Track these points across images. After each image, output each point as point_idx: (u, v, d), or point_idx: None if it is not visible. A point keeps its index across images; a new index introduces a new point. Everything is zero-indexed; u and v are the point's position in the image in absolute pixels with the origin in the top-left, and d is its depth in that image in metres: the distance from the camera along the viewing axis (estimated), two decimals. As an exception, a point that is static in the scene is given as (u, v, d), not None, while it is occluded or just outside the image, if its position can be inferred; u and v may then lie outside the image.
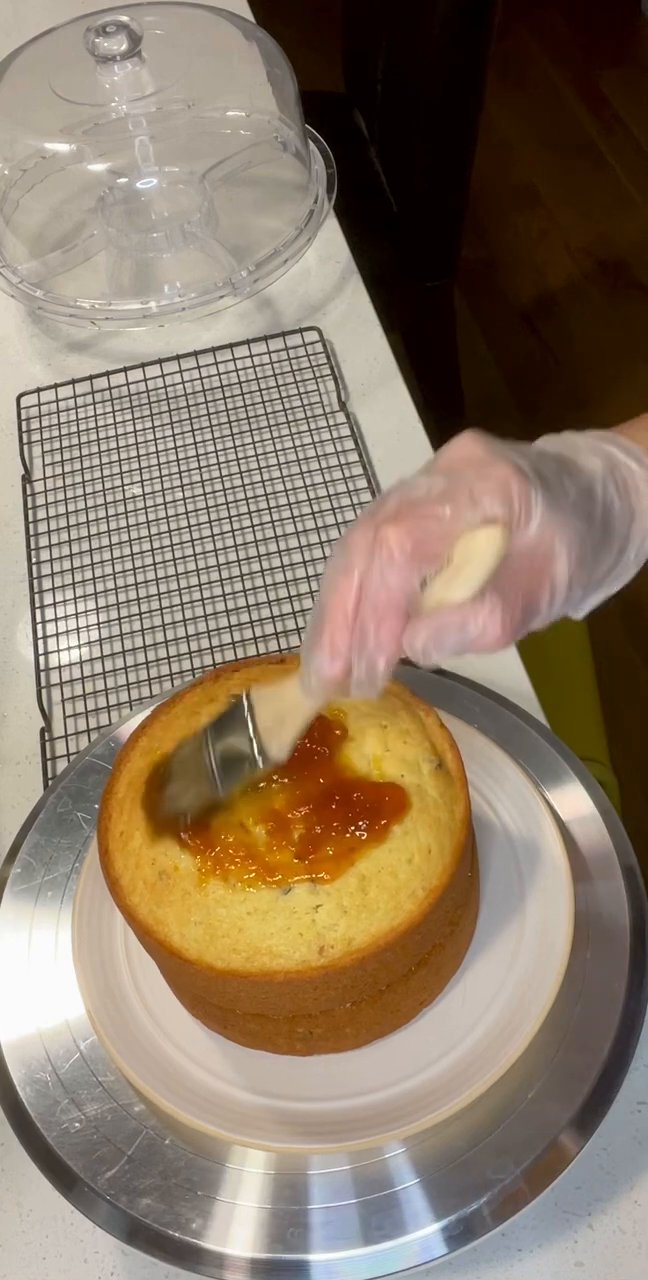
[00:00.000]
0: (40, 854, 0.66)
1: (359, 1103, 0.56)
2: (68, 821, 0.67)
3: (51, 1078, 0.59)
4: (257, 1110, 0.56)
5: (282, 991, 0.52)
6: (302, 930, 0.51)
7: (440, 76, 1.43)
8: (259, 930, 0.51)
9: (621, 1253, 0.58)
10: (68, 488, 0.94)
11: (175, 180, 1.06)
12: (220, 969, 0.52)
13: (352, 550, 0.47)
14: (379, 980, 0.54)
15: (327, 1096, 0.56)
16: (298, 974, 0.51)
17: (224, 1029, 0.58)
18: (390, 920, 0.52)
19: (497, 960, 0.59)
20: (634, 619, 1.81)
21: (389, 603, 0.45)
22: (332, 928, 0.51)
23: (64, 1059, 0.59)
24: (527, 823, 0.63)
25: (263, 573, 0.87)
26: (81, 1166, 0.56)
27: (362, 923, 0.52)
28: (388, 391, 0.98)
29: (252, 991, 0.53)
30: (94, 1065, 0.59)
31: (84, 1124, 0.57)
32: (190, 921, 0.52)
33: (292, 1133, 0.55)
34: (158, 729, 0.58)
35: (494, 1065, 0.55)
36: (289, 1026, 0.55)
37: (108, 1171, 0.55)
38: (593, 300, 2.32)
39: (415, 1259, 0.53)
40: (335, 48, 1.76)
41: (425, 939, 0.55)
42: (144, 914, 0.54)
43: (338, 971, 0.51)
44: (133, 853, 0.55)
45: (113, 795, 0.57)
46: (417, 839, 0.53)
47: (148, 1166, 0.55)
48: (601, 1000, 0.58)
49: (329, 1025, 0.55)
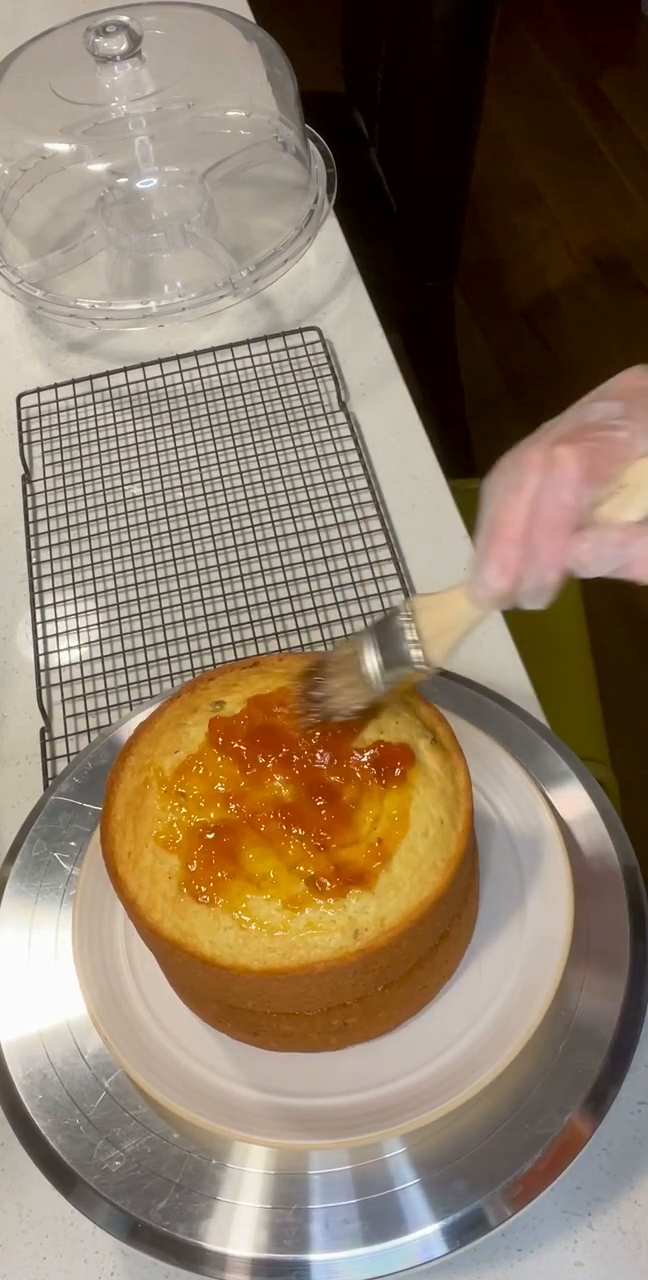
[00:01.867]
0: (40, 853, 0.66)
1: (359, 1099, 0.56)
2: (68, 821, 0.67)
3: (51, 1076, 0.59)
4: (257, 1106, 0.56)
5: (321, 983, 0.52)
6: (334, 917, 0.51)
7: (441, 76, 1.43)
8: (292, 924, 0.51)
9: (621, 1253, 0.58)
10: (68, 488, 0.94)
11: (175, 180, 1.06)
12: (258, 970, 0.51)
13: (525, 467, 0.48)
14: (410, 958, 0.55)
15: (327, 1092, 0.56)
16: (338, 961, 0.51)
17: (255, 1036, 0.58)
18: (418, 894, 0.52)
19: (496, 960, 0.59)
20: (635, 619, 1.81)
21: (563, 519, 0.47)
22: (363, 910, 0.52)
23: (64, 1058, 0.59)
24: (527, 822, 0.63)
25: (263, 573, 0.87)
26: (81, 1165, 0.56)
27: (391, 901, 0.52)
28: (388, 391, 0.98)
29: (290, 988, 0.52)
30: (95, 1065, 0.59)
31: (84, 1123, 0.57)
32: (219, 928, 0.52)
33: (292, 1129, 0.55)
34: (144, 746, 0.58)
35: (493, 1064, 0.55)
36: (324, 1020, 0.55)
37: (107, 1170, 0.55)
38: (593, 300, 2.32)
39: (415, 1259, 0.53)
40: (335, 48, 1.76)
41: (449, 909, 0.55)
42: (169, 929, 0.53)
43: (375, 953, 0.52)
44: (146, 870, 0.54)
45: (112, 819, 0.57)
46: (428, 813, 0.54)
47: (151, 1167, 0.55)
48: (600, 1001, 0.58)
49: (363, 1012, 0.56)
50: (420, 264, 1.63)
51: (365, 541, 0.88)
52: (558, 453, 0.47)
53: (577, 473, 0.46)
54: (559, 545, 0.47)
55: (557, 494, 0.47)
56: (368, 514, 0.89)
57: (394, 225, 1.63)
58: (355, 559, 0.87)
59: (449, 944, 0.57)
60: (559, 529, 0.47)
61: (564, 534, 0.47)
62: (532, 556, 0.48)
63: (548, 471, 0.47)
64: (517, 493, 0.48)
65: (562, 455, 0.47)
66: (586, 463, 0.46)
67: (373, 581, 0.85)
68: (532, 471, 0.47)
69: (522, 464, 0.48)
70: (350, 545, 0.88)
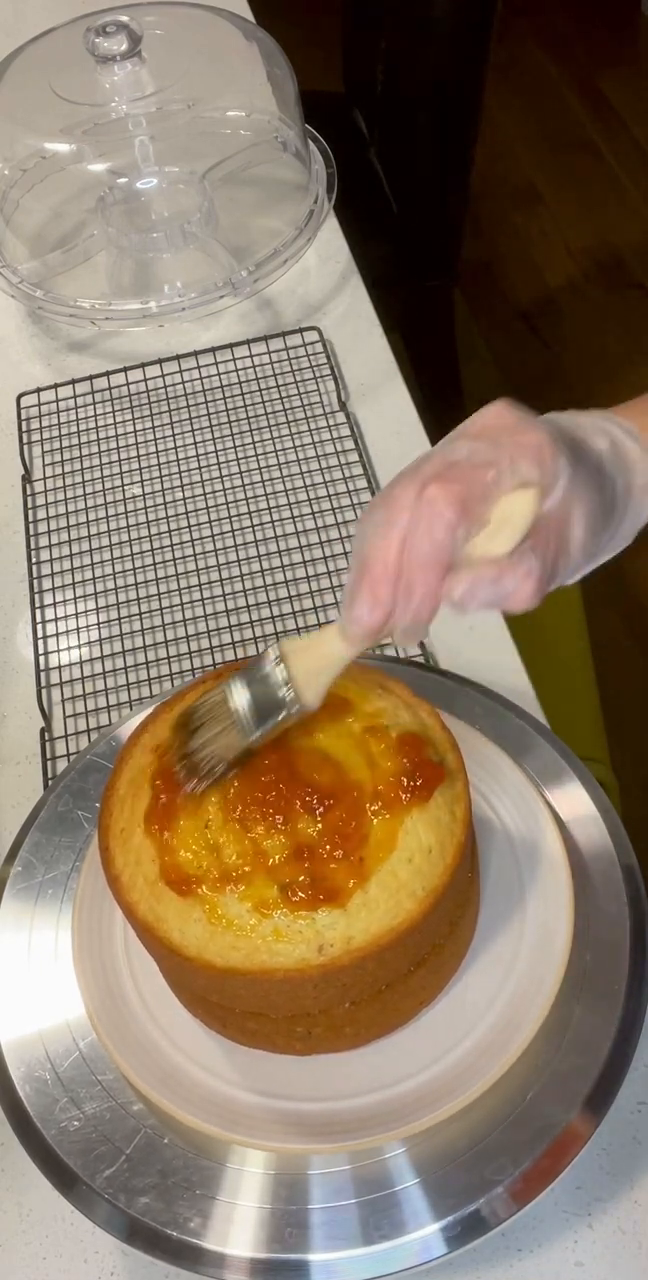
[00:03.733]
0: (41, 853, 0.66)
1: (359, 1103, 0.56)
2: (69, 820, 0.67)
3: (50, 1075, 0.59)
4: (256, 1110, 0.56)
5: (280, 990, 0.52)
6: (301, 928, 0.51)
7: (441, 76, 1.43)
8: (259, 928, 0.51)
9: (621, 1253, 0.58)
10: (68, 488, 0.94)
11: (175, 180, 1.06)
12: (220, 966, 0.52)
13: (396, 506, 0.49)
14: (378, 980, 0.54)
15: (327, 1096, 0.56)
16: (297, 972, 0.51)
17: (224, 1027, 0.58)
18: (390, 920, 0.52)
19: (497, 960, 0.59)
20: (635, 619, 1.81)
21: (436, 558, 0.48)
22: (331, 926, 0.51)
23: (63, 1057, 0.59)
24: (527, 823, 0.63)
25: (263, 573, 0.87)
26: (80, 1165, 0.56)
27: (361, 922, 0.52)
28: (388, 391, 0.98)
29: (251, 989, 0.53)
30: (93, 1064, 0.59)
31: (83, 1122, 0.57)
32: (190, 919, 0.52)
33: (291, 1133, 0.55)
34: (160, 726, 0.58)
35: (494, 1065, 0.55)
36: (288, 1025, 0.55)
37: (106, 1170, 0.55)
38: (593, 300, 2.32)
39: (415, 1259, 0.53)
40: (335, 48, 1.76)
41: (425, 939, 0.55)
42: (144, 911, 0.54)
43: (337, 970, 0.51)
44: (133, 849, 0.55)
45: (114, 792, 0.57)
46: (418, 838, 0.53)
47: (146, 1165, 0.55)
48: (601, 1000, 0.58)
49: (328, 1025, 0.55)
50: (420, 264, 1.64)
51: (365, 541, 0.87)
52: (430, 493, 0.48)
53: (450, 512, 0.47)
54: (434, 583, 0.48)
55: (430, 532, 0.48)
56: (368, 514, 0.89)
57: (394, 225, 1.63)
58: (355, 559, 0.87)
59: (427, 972, 0.57)
60: (433, 567, 0.48)
61: (438, 572, 0.48)
62: (406, 594, 0.49)
63: (420, 510, 0.48)
64: (388, 531, 0.49)
65: (433, 495, 0.48)
66: (457, 502, 0.48)
67: (373, 581, 0.85)
68: (402, 511, 0.48)
69: (392, 503, 0.49)
70: (350, 545, 0.88)
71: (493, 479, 0.48)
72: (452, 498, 0.48)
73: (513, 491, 0.48)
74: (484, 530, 0.48)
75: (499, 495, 0.48)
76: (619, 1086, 0.56)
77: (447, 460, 0.49)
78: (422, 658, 0.80)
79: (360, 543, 0.50)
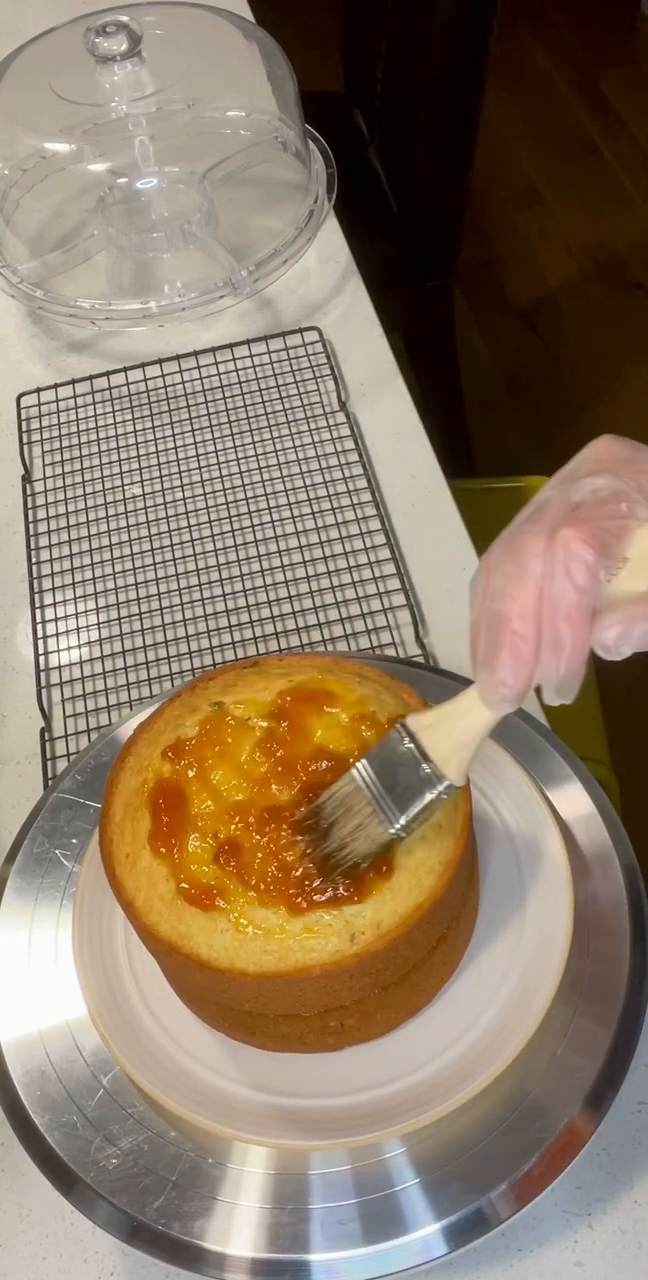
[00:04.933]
0: (41, 852, 0.66)
1: (359, 1099, 0.56)
2: (69, 819, 0.67)
3: (49, 1073, 0.59)
4: (257, 1106, 0.56)
5: (318, 986, 0.52)
6: (330, 921, 0.51)
7: (441, 77, 1.43)
8: (288, 928, 0.51)
9: (621, 1253, 0.58)
10: (68, 488, 0.94)
11: (175, 180, 1.06)
12: (254, 973, 0.51)
13: (523, 554, 0.45)
14: (408, 960, 0.54)
15: (328, 1093, 0.56)
16: (334, 965, 0.51)
17: (252, 1036, 0.58)
18: (415, 898, 0.52)
19: (497, 959, 0.59)
20: (634, 619, 1.81)
21: (580, 603, 0.45)
22: (359, 914, 0.51)
23: (65, 1060, 0.59)
24: (527, 822, 0.63)
25: (263, 573, 0.87)
26: (78, 1164, 0.56)
27: (387, 905, 0.52)
28: (388, 391, 0.98)
29: (287, 991, 0.52)
30: (95, 1066, 0.59)
31: (84, 1124, 0.57)
32: (216, 931, 0.52)
33: (292, 1129, 0.55)
34: (143, 746, 0.58)
35: (493, 1064, 0.55)
36: (321, 1021, 0.55)
37: (107, 1170, 0.55)
38: (593, 300, 2.32)
39: (415, 1259, 0.53)
40: (335, 48, 1.76)
41: (446, 913, 0.55)
42: (166, 931, 0.53)
43: (371, 956, 0.51)
44: (144, 872, 0.54)
45: (111, 820, 0.56)
46: None
47: (148, 1165, 0.55)
48: (601, 999, 0.58)
49: (360, 1014, 0.55)
50: (420, 264, 1.63)
51: (365, 541, 0.88)
52: (562, 536, 0.45)
53: (589, 554, 0.44)
54: (582, 632, 0.45)
55: (571, 578, 0.44)
56: (368, 514, 0.89)
57: (394, 225, 1.63)
58: (355, 559, 0.87)
59: (447, 947, 0.57)
60: (579, 614, 0.45)
61: (585, 618, 0.45)
62: (554, 648, 0.45)
63: (554, 555, 0.45)
64: (520, 583, 0.45)
65: (567, 538, 0.45)
66: (594, 542, 0.44)
67: (373, 581, 0.85)
68: (533, 557, 0.45)
69: (520, 551, 0.46)
70: (350, 545, 0.88)
71: (626, 512, 0.45)
72: (587, 537, 0.44)
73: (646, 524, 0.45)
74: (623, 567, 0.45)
75: (633, 529, 0.45)
76: (619, 1086, 0.56)
77: (570, 502, 0.46)
78: (421, 657, 0.80)
79: (484, 598, 0.47)
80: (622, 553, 0.45)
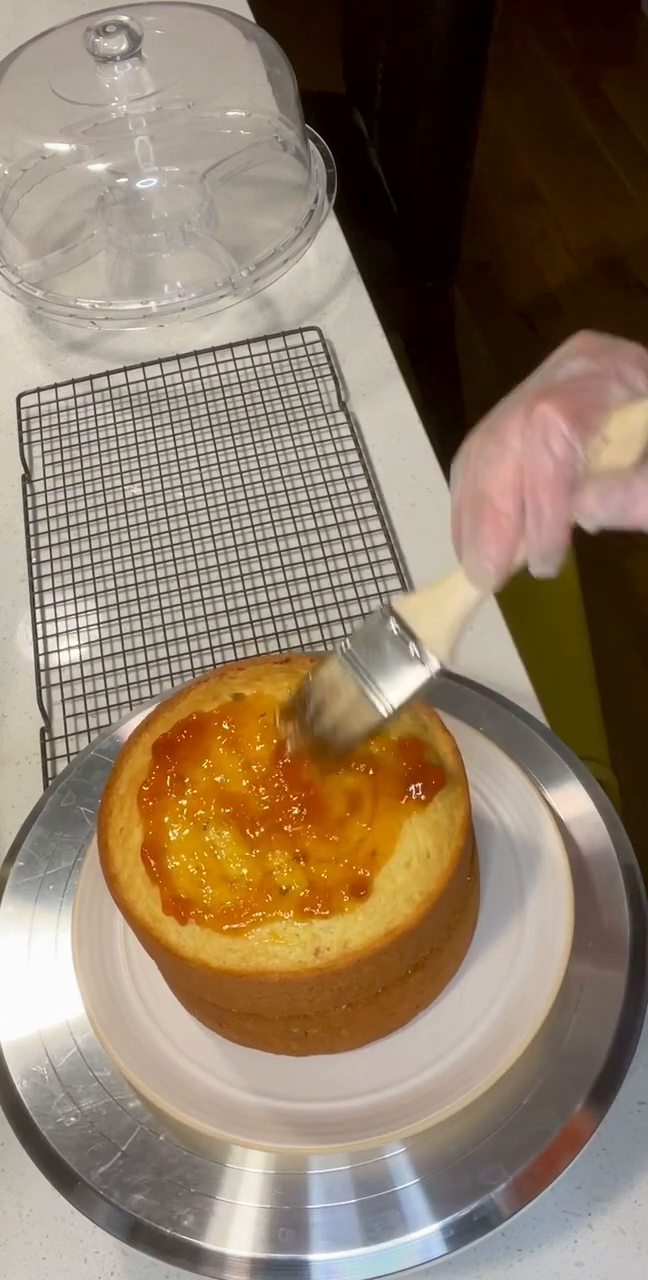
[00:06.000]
0: (40, 852, 0.66)
1: (359, 1103, 0.56)
2: (69, 819, 0.67)
3: (48, 1072, 0.59)
4: (256, 1110, 0.56)
5: (276, 992, 0.52)
6: (297, 931, 0.51)
7: (441, 77, 1.43)
8: (255, 930, 0.51)
9: (621, 1253, 0.58)
10: (68, 488, 0.94)
11: (175, 180, 1.06)
12: (216, 968, 0.52)
13: (503, 433, 0.46)
14: (375, 983, 0.54)
15: (327, 1097, 0.56)
16: (293, 975, 0.51)
17: (220, 1026, 0.58)
18: (387, 924, 0.52)
19: (496, 961, 0.59)
20: (635, 618, 1.81)
21: (559, 474, 0.45)
22: (328, 929, 0.51)
23: (62, 1055, 0.59)
24: (527, 823, 0.63)
25: (263, 573, 0.87)
26: (76, 1161, 0.56)
27: (358, 925, 0.52)
28: (388, 391, 0.98)
29: (247, 991, 0.53)
30: (90, 1060, 0.59)
31: (79, 1118, 0.57)
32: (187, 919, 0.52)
33: (290, 1133, 0.55)
34: (161, 726, 0.58)
35: (494, 1066, 0.55)
36: (284, 1026, 0.55)
37: (102, 1167, 0.55)
38: (593, 300, 2.32)
39: (415, 1259, 0.53)
40: (335, 48, 1.76)
41: (422, 943, 0.55)
42: (141, 910, 0.54)
43: (333, 974, 0.51)
44: (132, 849, 0.55)
45: (114, 791, 0.57)
46: (416, 843, 0.53)
47: (142, 1163, 0.55)
48: (601, 1000, 0.58)
49: (324, 1026, 0.55)
50: (420, 264, 1.63)
51: (365, 541, 0.88)
52: (539, 409, 0.45)
53: (565, 424, 0.45)
54: (562, 501, 0.45)
55: (549, 449, 0.45)
56: (368, 514, 0.89)
57: (394, 225, 1.62)
58: (355, 559, 0.87)
59: (424, 975, 0.57)
60: (559, 483, 0.45)
61: (564, 488, 0.45)
62: (535, 519, 0.46)
63: (533, 429, 0.45)
64: (500, 461, 0.46)
65: (544, 410, 0.45)
66: (570, 414, 0.45)
67: (373, 581, 0.85)
68: (512, 436, 0.46)
69: (500, 431, 0.47)
70: (350, 545, 0.88)
71: (603, 388, 0.46)
72: (562, 409, 0.45)
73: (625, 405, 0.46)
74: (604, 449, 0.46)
75: (612, 406, 0.46)
76: (619, 1086, 0.56)
77: (548, 384, 0.47)
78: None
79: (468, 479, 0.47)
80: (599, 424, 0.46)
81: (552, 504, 0.45)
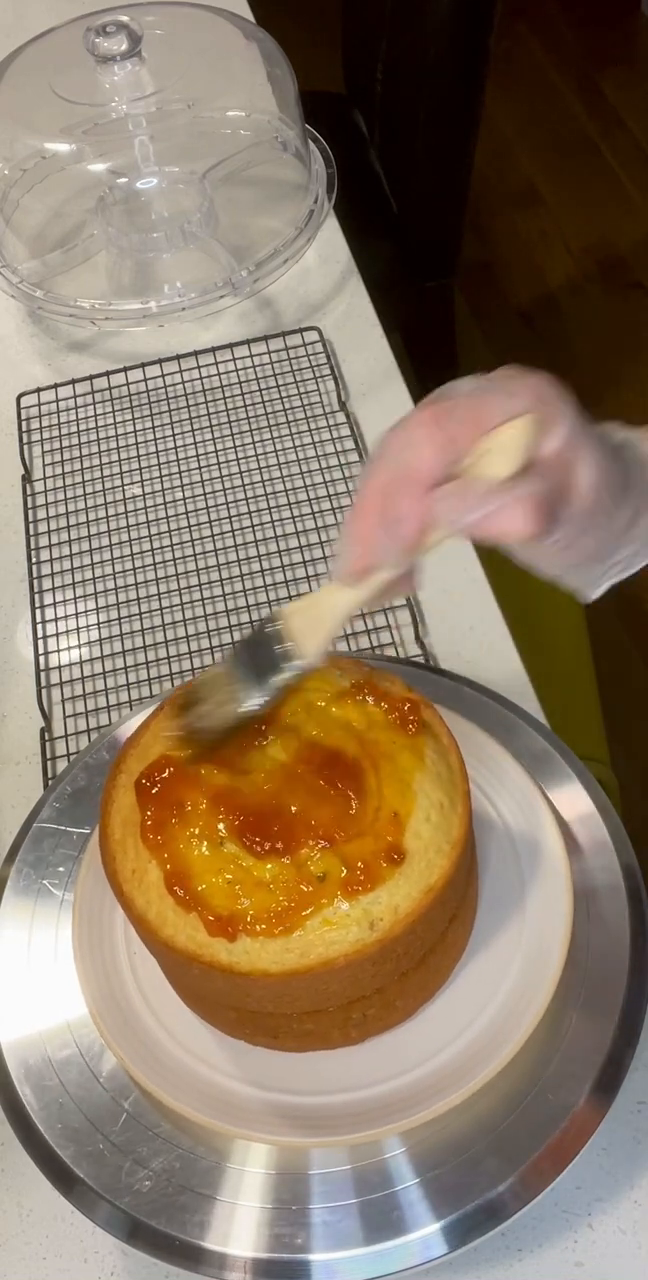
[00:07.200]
0: (41, 852, 0.66)
1: (359, 1096, 0.56)
2: (69, 819, 0.67)
3: (48, 1072, 0.59)
4: (257, 1104, 0.56)
5: (342, 977, 0.52)
6: (349, 911, 0.51)
7: (441, 77, 1.43)
8: (308, 923, 0.51)
9: (621, 1253, 0.58)
10: (68, 488, 0.94)
11: (175, 180, 1.06)
12: (278, 972, 0.51)
13: (383, 447, 0.49)
14: (425, 942, 0.55)
15: (328, 1090, 0.56)
16: (358, 954, 0.51)
17: (275, 1039, 0.57)
18: (426, 880, 0.52)
19: (496, 957, 0.59)
20: (634, 618, 1.81)
21: (413, 478, 0.47)
22: (376, 901, 0.51)
23: (61, 1054, 0.59)
24: (527, 821, 0.63)
25: (263, 573, 0.87)
26: (76, 1161, 0.56)
27: (402, 889, 0.52)
28: (388, 391, 0.98)
29: (311, 987, 0.52)
30: (91, 1059, 0.59)
31: (79, 1118, 0.57)
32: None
33: (292, 1127, 0.55)
34: (132, 762, 0.57)
35: (492, 1062, 0.55)
36: (345, 1014, 0.55)
37: (102, 1167, 0.55)
38: (593, 300, 2.32)
39: (415, 1259, 0.53)
40: (335, 48, 1.76)
41: (457, 891, 0.56)
42: (183, 942, 0.52)
43: (392, 941, 0.52)
44: (152, 885, 0.53)
45: (111, 838, 0.56)
46: (429, 797, 0.53)
47: (142, 1163, 0.55)
48: (601, 998, 0.58)
49: (382, 1003, 0.56)
50: (420, 264, 1.63)
51: (365, 541, 0.87)
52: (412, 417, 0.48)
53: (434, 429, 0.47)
54: (415, 501, 0.47)
55: (411, 457, 0.47)
56: (368, 514, 0.89)
57: (394, 225, 1.63)
58: (355, 559, 0.87)
59: (458, 926, 0.58)
60: (414, 484, 0.47)
61: (420, 489, 0.47)
62: (391, 517, 0.48)
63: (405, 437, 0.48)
64: (374, 467, 0.49)
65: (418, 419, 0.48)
66: (437, 427, 0.47)
67: (373, 581, 0.85)
68: (389, 448, 0.48)
69: (384, 444, 0.49)
70: (350, 545, 0.87)
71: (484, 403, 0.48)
72: (435, 420, 0.47)
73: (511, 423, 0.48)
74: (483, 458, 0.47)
75: (492, 422, 0.47)
76: (619, 1086, 0.56)
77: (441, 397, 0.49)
78: (421, 657, 0.80)
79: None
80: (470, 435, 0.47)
81: (406, 505, 0.47)
